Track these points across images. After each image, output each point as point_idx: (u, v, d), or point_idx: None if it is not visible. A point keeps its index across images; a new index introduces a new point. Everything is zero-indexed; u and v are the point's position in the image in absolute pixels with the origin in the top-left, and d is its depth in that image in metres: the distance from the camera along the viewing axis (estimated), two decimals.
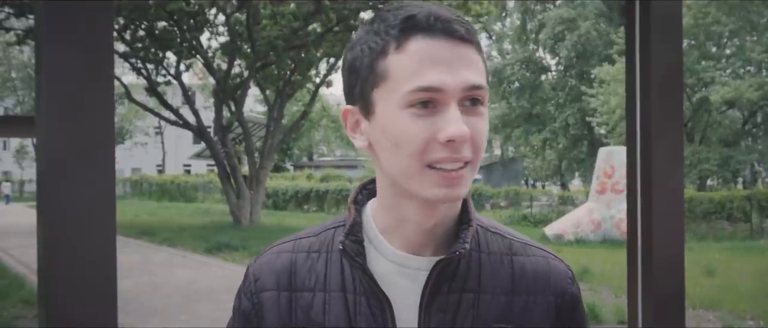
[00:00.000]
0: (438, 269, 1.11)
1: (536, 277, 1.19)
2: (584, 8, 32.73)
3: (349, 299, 1.15)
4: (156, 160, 54.98)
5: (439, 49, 1.04)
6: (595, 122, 28.42)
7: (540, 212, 25.91)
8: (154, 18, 18.50)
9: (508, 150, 38.79)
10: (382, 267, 1.15)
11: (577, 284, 1.25)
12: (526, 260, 1.20)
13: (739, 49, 26.77)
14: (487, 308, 1.14)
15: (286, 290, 1.19)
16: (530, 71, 35.15)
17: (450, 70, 1.03)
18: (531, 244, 1.24)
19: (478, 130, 1.05)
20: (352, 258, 1.13)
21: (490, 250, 1.19)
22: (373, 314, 1.13)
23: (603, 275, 12.18)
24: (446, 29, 1.04)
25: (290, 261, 1.21)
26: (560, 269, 1.22)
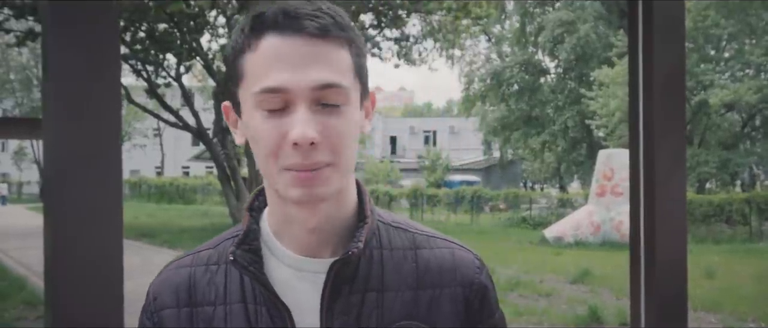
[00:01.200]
0: (334, 270, 1.08)
1: (442, 270, 1.16)
2: (583, 11, 32.75)
3: (249, 310, 1.12)
4: (155, 162, 54.95)
5: (288, 47, 1.01)
6: (594, 125, 28.44)
7: (539, 214, 25.96)
8: (155, 20, 18.49)
9: (507, 152, 38.79)
10: (281, 273, 1.13)
11: (487, 272, 1.22)
12: (430, 253, 1.17)
13: (738, 52, 26.80)
14: (392, 305, 1.11)
15: (186, 306, 1.16)
16: (529, 74, 35.16)
17: (297, 69, 1.00)
18: (435, 236, 1.22)
19: (332, 130, 1.02)
20: (245, 267, 1.10)
21: (393, 246, 1.16)
22: (274, 323, 1.10)
23: (604, 277, 12.18)
24: (295, 26, 1.01)
25: (189, 275, 1.18)
26: (467, 259, 1.20)
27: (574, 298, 10.84)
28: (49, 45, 1.92)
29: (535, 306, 10.40)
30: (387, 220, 1.20)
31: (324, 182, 1.03)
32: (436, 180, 39.90)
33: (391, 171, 40.20)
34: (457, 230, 22.79)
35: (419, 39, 22.00)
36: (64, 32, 2.21)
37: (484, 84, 36.48)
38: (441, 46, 23.05)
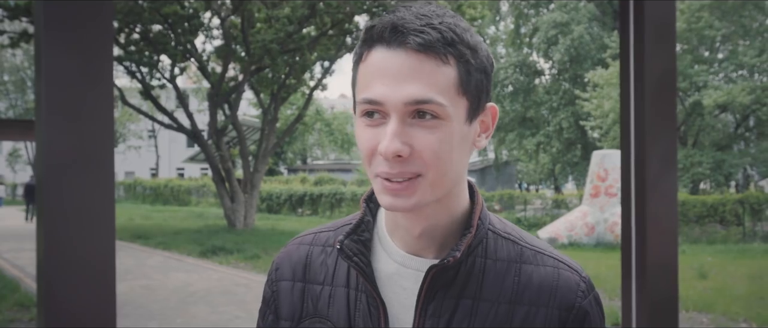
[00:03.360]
0: (431, 274, 1.12)
1: (541, 288, 1.16)
2: (577, 12, 32.81)
3: (350, 296, 1.18)
4: (150, 163, 54.90)
5: (391, 61, 1.04)
6: (588, 126, 28.50)
7: (534, 215, 25.99)
8: (149, 21, 18.49)
9: (502, 154, 38.83)
10: (388, 266, 1.18)
11: (594, 297, 1.19)
12: (534, 270, 1.17)
13: (732, 53, 26.87)
14: (485, 316, 1.13)
15: (301, 281, 1.25)
16: (524, 75, 35.22)
17: (394, 83, 1.03)
18: (545, 252, 1.21)
19: (424, 143, 1.04)
20: (349, 257, 1.16)
21: (498, 257, 1.17)
22: (370, 312, 1.16)
23: (597, 278, 12.21)
24: (400, 40, 1.04)
25: (307, 253, 1.27)
26: (571, 281, 1.17)
27: None
28: (42, 47, 1.93)
29: None
30: (499, 230, 1.21)
31: (412, 193, 1.06)
32: None
33: None
34: None
35: None
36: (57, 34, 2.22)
37: None
38: None
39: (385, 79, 1.04)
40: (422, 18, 1.05)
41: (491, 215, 1.23)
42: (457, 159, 1.09)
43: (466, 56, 1.06)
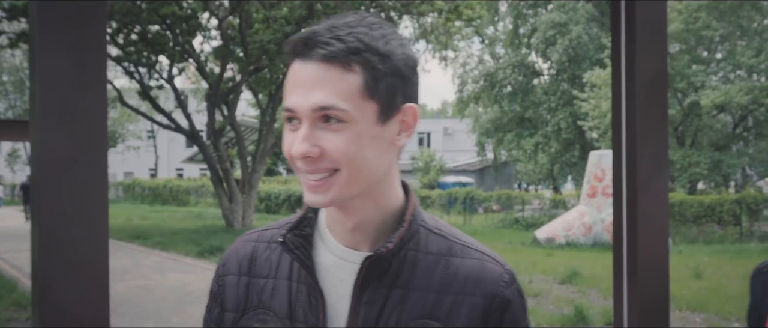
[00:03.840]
0: (366, 264, 1.22)
1: (467, 278, 1.25)
2: (576, 13, 32.82)
3: (291, 287, 1.28)
4: (148, 164, 54.89)
5: (304, 71, 1.15)
6: (586, 126, 28.52)
7: (531, 215, 26.01)
8: (147, 22, 18.52)
9: (500, 154, 38.85)
10: (327, 259, 1.28)
11: (517, 288, 1.28)
12: (461, 262, 1.27)
13: (730, 53, 26.90)
14: (414, 304, 1.23)
15: (246, 275, 1.34)
16: (522, 75, 35.22)
17: (304, 91, 1.14)
18: (472, 247, 1.31)
19: (331, 144, 1.14)
20: (291, 250, 1.26)
21: (429, 250, 1.27)
22: (309, 302, 1.25)
23: (593, 278, 12.26)
24: (309, 53, 1.14)
25: (252, 249, 1.36)
26: (495, 272, 1.27)
27: (562, 298, 10.92)
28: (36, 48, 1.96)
29: None
30: (431, 226, 1.32)
31: (328, 189, 1.17)
32: (429, 181, 39.96)
33: None
34: None
35: (411, 40, 22.06)
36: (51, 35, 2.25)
37: (477, 85, 36.52)
38: (433, 47, 23.11)
39: (298, 88, 1.15)
40: (333, 30, 1.14)
41: (424, 213, 1.33)
42: (371, 157, 1.17)
43: (373, 63, 1.15)
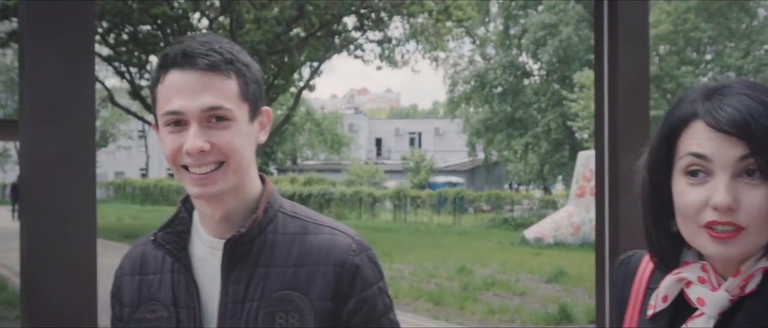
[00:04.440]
0: (227, 248, 1.40)
1: (320, 251, 1.43)
2: (566, 14, 32.93)
3: (174, 279, 1.47)
4: (140, 163, 54.71)
5: (185, 79, 1.34)
6: (576, 127, 28.64)
7: (521, 215, 26.10)
8: (138, 22, 18.52)
9: (491, 154, 38.92)
10: (200, 250, 1.47)
11: (368, 255, 1.47)
12: (314, 238, 1.45)
13: (718, 54, 27.08)
14: (276, 278, 1.41)
15: (138, 274, 1.52)
16: (513, 76, 35.30)
17: (191, 96, 1.33)
18: (324, 224, 1.49)
19: (221, 139, 1.35)
20: (162, 246, 1.46)
21: (286, 231, 1.46)
22: (187, 289, 1.44)
23: (579, 277, 12.37)
24: (191, 63, 1.34)
25: (142, 252, 1.55)
26: (343, 243, 1.45)
27: (548, 297, 11.04)
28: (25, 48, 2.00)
29: (509, 305, 10.63)
30: (288, 210, 1.50)
31: (215, 182, 1.36)
32: (420, 182, 40.01)
33: (376, 173, 40.23)
34: (439, 232, 22.91)
35: (402, 41, 22.13)
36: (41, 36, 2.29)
37: (468, 86, 36.59)
38: (424, 48, 23.17)
39: (182, 94, 1.33)
40: (205, 44, 1.36)
41: (283, 200, 1.52)
42: (246, 152, 1.40)
43: (243, 71, 1.39)
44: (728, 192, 1.09)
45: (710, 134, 1.11)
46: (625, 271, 1.40)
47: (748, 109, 1.09)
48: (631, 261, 1.41)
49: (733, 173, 1.10)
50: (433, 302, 10.92)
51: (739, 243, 1.11)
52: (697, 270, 1.19)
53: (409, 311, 10.36)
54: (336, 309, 1.41)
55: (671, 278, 1.22)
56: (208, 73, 1.34)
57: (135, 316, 1.49)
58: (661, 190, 1.20)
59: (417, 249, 16.95)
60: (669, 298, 1.23)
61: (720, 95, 1.13)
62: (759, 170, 1.09)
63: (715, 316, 1.16)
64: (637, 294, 1.34)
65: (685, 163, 1.15)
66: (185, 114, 1.33)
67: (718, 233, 1.11)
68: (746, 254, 1.13)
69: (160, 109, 1.37)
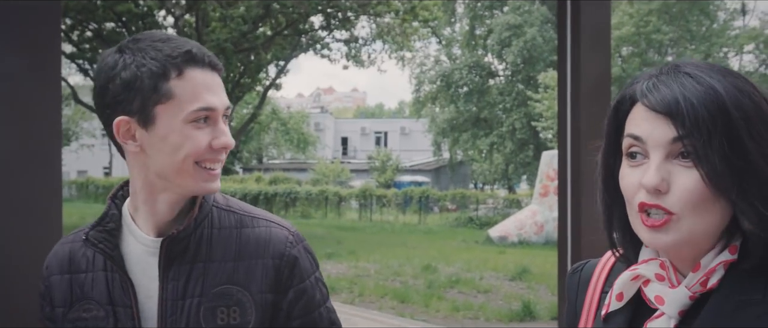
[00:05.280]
0: (165, 245, 1.40)
1: (257, 244, 1.45)
2: (530, 15, 33.21)
3: (108, 277, 1.44)
4: (103, 162, 54.01)
5: (209, 78, 1.37)
6: (540, 127, 28.90)
7: (486, 214, 26.24)
8: (102, 19, 18.32)
9: (456, 153, 39.10)
10: (135, 248, 1.45)
11: (304, 246, 1.51)
12: (251, 231, 1.47)
13: (679, 56, 27.50)
14: (215, 273, 1.42)
15: (67, 273, 1.49)
16: (478, 76, 35.51)
17: (216, 94, 1.37)
18: (259, 217, 1.51)
19: (230, 138, 1.40)
20: (95, 245, 1.43)
21: (222, 225, 1.46)
22: (123, 287, 1.42)
23: (542, 275, 12.53)
24: (211, 63, 1.38)
25: (70, 250, 1.51)
26: (280, 235, 1.48)
27: (511, 294, 11.17)
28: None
29: (473, 302, 10.73)
30: (222, 205, 1.51)
31: (219, 177, 1.41)
32: (385, 181, 40.04)
33: (342, 172, 40.20)
34: (404, 230, 22.97)
35: (368, 41, 22.15)
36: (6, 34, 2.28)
37: (433, 86, 36.73)
38: (390, 47, 23.21)
39: (211, 92, 1.37)
40: (201, 46, 1.42)
41: (217, 194, 1.51)
42: None
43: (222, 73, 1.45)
44: (657, 172, 1.04)
45: (647, 115, 1.07)
46: (578, 278, 1.33)
47: (684, 89, 1.04)
48: (584, 268, 1.34)
49: (666, 155, 1.05)
50: (398, 300, 10.98)
51: (672, 230, 1.05)
52: (655, 267, 1.13)
53: (374, 309, 10.41)
54: (276, 300, 1.43)
55: (627, 275, 1.16)
56: (219, 75, 1.41)
57: (69, 316, 1.46)
58: (613, 175, 1.16)
59: (382, 248, 16.99)
60: (625, 296, 1.16)
61: (663, 75, 1.09)
62: (692, 152, 1.03)
63: (675, 316, 1.10)
64: (592, 299, 1.27)
65: (625, 144, 1.11)
66: (216, 111, 1.37)
67: (651, 219, 1.06)
68: (680, 241, 1.06)
69: (187, 104, 1.34)
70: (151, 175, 1.40)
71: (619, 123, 1.14)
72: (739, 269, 1.08)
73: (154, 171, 1.39)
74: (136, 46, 1.36)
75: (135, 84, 1.33)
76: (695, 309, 1.08)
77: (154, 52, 1.34)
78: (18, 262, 2.24)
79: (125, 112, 1.36)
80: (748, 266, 1.07)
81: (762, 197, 1.02)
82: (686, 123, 1.02)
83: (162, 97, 1.33)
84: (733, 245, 1.09)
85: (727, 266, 1.08)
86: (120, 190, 1.52)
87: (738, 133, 1.01)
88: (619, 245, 1.20)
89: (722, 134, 1.01)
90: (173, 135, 1.34)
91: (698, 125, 1.01)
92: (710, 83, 1.04)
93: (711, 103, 1.02)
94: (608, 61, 3.45)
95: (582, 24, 3.41)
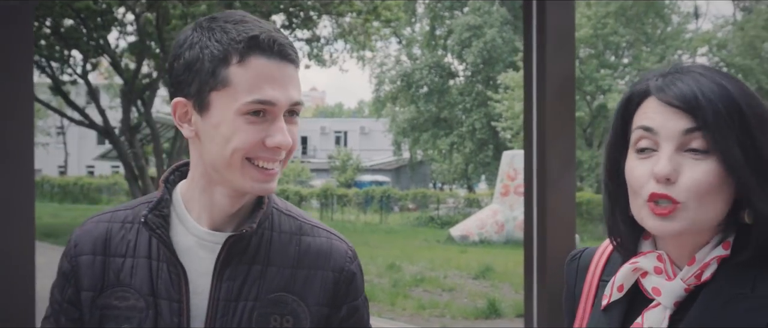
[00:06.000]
0: (229, 243, 1.31)
1: (319, 254, 1.39)
2: (490, 16, 33.46)
3: (152, 265, 1.34)
4: (58, 161, 53.14)
5: (275, 69, 1.25)
6: (500, 127, 29.13)
7: (446, 214, 26.40)
8: (61, 15, 18.03)
9: (416, 153, 39.23)
10: (186, 239, 1.35)
11: (358, 263, 1.46)
12: (312, 240, 1.41)
13: (635, 58, 27.93)
14: (273, 278, 1.35)
15: (101, 255, 1.37)
16: (438, 76, 35.66)
17: (281, 88, 1.25)
18: (319, 226, 1.45)
19: (294, 137, 1.29)
20: (153, 230, 1.32)
21: (282, 229, 1.40)
22: (171, 279, 1.32)
23: (505, 273, 12.67)
24: (281, 53, 1.26)
25: (106, 230, 1.39)
26: (341, 249, 1.43)
27: (476, 292, 11.29)
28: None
29: (439, 300, 10.82)
30: (281, 208, 1.44)
31: (275, 177, 1.30)
32: (346, 180, 40.03)
33: (302, 171, 40.10)
34: (366, 230, 22.98)
35: (330, 40, 22.11)
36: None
37: (394, 85, 36.81)
38: (352, 47, 23.20)
39: (274, 84, 1.27)
40: (281, 33, 1.32)
41: (274, 196, 1.43)
42: None
43: (298, 64, 1.34)
44: (669, 162, 1.10)
45: (660, 108, 1.14)
46: (576, 266, 1.39)
47: (700, 85, 1.12)
48: (582, 256, 1.40)
49: (678, 146, 1.12)
50: None
51: (678, 218, 1.12)
52: (653, 260, 1.20)
53: None
54: (330, 315, 1.38)
55: (627, 267, 1.23)
56: (292, 67, 1.29)
57: (99, 302, 1.34)
58: (618, 169, 1.22)
59: None
60: (625, 287, 1.23)
61: (676, 73, 1.16)
62: (703, 145, 1.10)
63: (670, 306, 1.17)
64: (590, 287, 1.33)
65: (635, 137, 1.17)
66: (276, 106, 1.25)
67: (659, 208, 1.12)
68: (686, 229, 1.13)
69: (241, 94, 1.24)
70: (205, 164, 1.32)
71: (627, 118, 1.21)
72: (731, 264, 1.15)
73: (207, 160, 1.30)
74: (208, 25, 1.28)
75: (195, 65, 1.26)
76: (689, 301, 1.16)
77: (220, 34, 1.25)
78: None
79: (184, 94, 1.29)
80: (740, 260, 1.15)
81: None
82: (707, 116, 1.09)
83: (219, 83, 1.24)
84: (727, 241, 1.17)
85: (720, 261, 1.16)
86: (173, 173, 1.44)
87: (751, 129, 1.10)
88: (618, 235, 1.26)
89: (737, 128, 1.09)
90: (224, 125, 1.25)
91: (717, 119, 1.09)
92: (722, 83, 1.13)
93: (727, 100, 1.10)
94: (572, 61, 3.51)
95: (547, 24, 3.46)
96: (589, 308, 1.32)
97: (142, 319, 1.32)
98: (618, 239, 1.27)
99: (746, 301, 1.12)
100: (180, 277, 1.32)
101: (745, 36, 26.71)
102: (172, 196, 1.40)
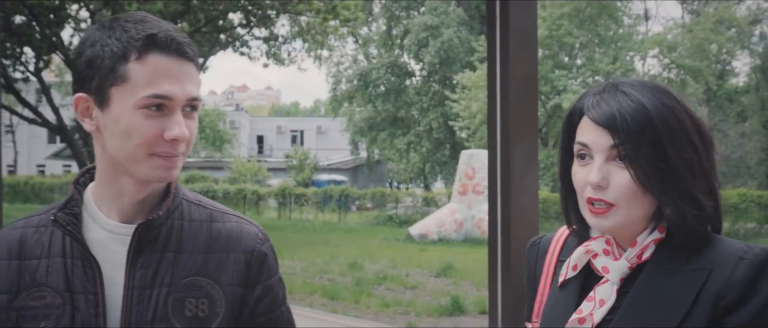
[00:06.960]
0: (139, 231, 1.38)
1: (229, 238, 1.47)
2: (447, 16, 33.64)
3: (67, 263, 1.39)
4: (7, 160, 52.03)
5: (172, 65, 1.33)
6: (457, 126, 29.34)
7: (404, 213, 26.50)
8: (12, 12, 17.69)
9: (373, 153, 39.29)
10: (97, 234, 1.41)
11: (270, 245, 1.54)
12: (222, 226, 1.48)
13: (589, 60, 28.36)
14: (185, 264, 1.41)
15: (16, 259, 1.41)
16: (395, 75, 35.76)
17: (178, 83, 1.33)
18: (229, 213, 1.53)
19: (192, 130, 1.37)
20: (63, 227, 1.38)
21: (192, 218, 1.47)
22: (86, 273, 1.37)
23: (465, 271, 12.80)
24: (179, 50, 1.34)
25: (21, 235, 1.44)
26: (251, 232, 1.51)
27: (438, 290, 11.40)
28: None
29: (402, 298, 10.93)
30: (191, 198, 1.51)
31: (177, 168, 1.37)
32: (303, 179, 39.92)
33: (259, 170, 39.86)
34: (325, 229, 22.99)
35: (288, 39, 22.08)
36: None
37: (351, 85, 36.81)
38: (309, 46, 23.19)
39: (171, 79, 1.34)
40: (179, 32, 1.37)
41: (184, 188, 1.51)
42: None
43: (197, 63, 1.43)
44: (599, 172, 1.33)
45: (591, 126, 1.36)
46: (536, 250, 1.61)
47: (620, 106, 1.32)
48: (541, 241, 1.62)
49: (606, 158, 1.34)
50: (328, 297, 11.07)
51: (611, 217, 1.35)
52: (602, 243, 1.42)
53: (304, 306, 10.49)
54: (244, 295, 1.44)
55: (581, 250, 1.44)
56: (190, 64, 1.36)
57: (14, 304, 1.37)
58: (567, 171, 1.45)
59: (305, 246, 17.00)
60: (578, 267, 1.45)
61: (605, 93, 1.37)
62: (625, 156, 1.32)
63: (617, 282, 1.39)
64: (549, 267, 1.55)
65: (576, 148, 1.40)
66: (173, 101, 1.32)
67: (595, 208, 1.35)
68: (619, 225, 1.36)
69: (138, 89, 1.31)
70: (108, 158, 1.39)
71: (572, 130, 1.43)
72: (667, 246, 1.37)
73: (110, 153, 1.37)
74: (109, 25, 1.35)
75: (96, 62, 1.32)
76: (633, 277, 1.38)
77: (120, 33, 1.32)
78: None
79: (85, 90, 1.36)
80: (673, 244, 1.36)
81: (679, 192, 1.31)
82: (621, 134, 1.31)
83: (118, 78, 1.31)
84: (662, 226, 1.38)
85: (657, 243, 1.38)
86: (82, 176, 1.49)
87: (661, 142, 1.31)
88: (573, 224, 1.50)
89: (648, 143, 1.30)
90: (123, 119, 1.32)
91: (630, 136, 1.30)
92: (641, 101, 1.33)
93: (641, 118, 1.31)
94: (535, 61, 3.59)
95: (511, 25, 3.53)
96: (548, 285, 1.53)
97: (59, 315, 1.36)
98: (573, 226, 1.49)
99: (680, 274, 1.33)
100: (94, 270, 1.37)
101: (694, 38, 27.35)
102: (82, 196, 1.45)
